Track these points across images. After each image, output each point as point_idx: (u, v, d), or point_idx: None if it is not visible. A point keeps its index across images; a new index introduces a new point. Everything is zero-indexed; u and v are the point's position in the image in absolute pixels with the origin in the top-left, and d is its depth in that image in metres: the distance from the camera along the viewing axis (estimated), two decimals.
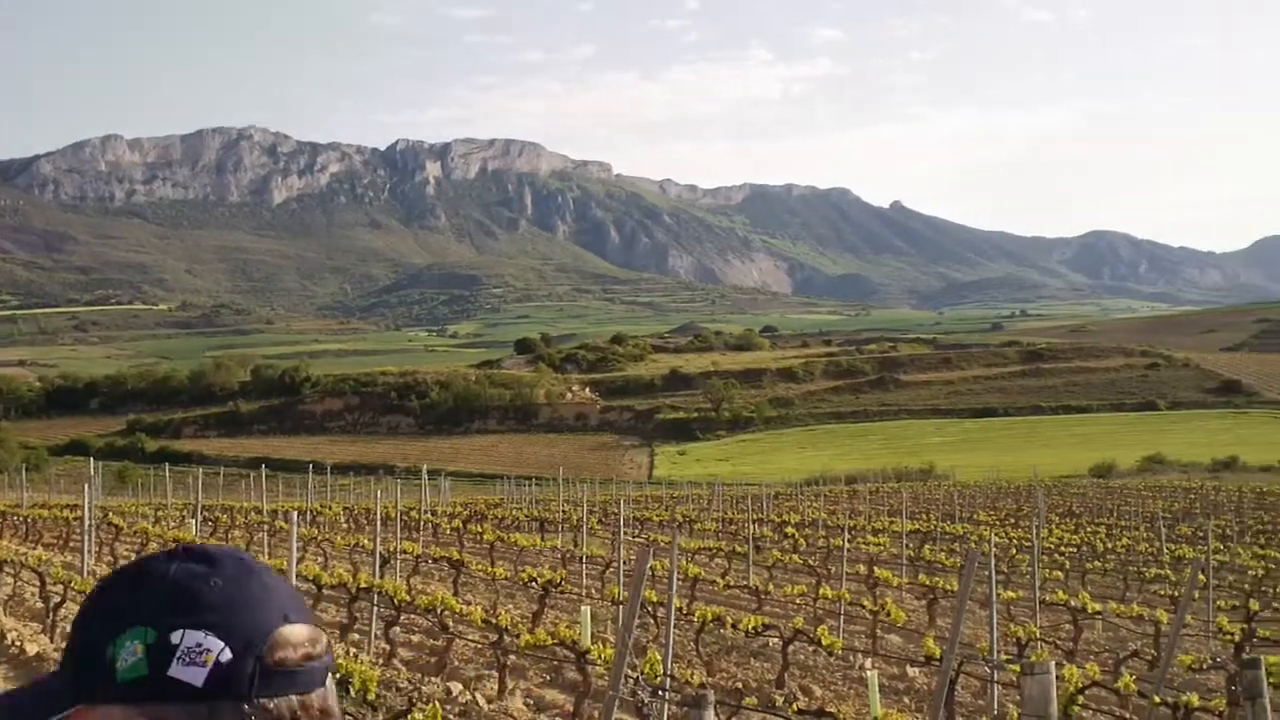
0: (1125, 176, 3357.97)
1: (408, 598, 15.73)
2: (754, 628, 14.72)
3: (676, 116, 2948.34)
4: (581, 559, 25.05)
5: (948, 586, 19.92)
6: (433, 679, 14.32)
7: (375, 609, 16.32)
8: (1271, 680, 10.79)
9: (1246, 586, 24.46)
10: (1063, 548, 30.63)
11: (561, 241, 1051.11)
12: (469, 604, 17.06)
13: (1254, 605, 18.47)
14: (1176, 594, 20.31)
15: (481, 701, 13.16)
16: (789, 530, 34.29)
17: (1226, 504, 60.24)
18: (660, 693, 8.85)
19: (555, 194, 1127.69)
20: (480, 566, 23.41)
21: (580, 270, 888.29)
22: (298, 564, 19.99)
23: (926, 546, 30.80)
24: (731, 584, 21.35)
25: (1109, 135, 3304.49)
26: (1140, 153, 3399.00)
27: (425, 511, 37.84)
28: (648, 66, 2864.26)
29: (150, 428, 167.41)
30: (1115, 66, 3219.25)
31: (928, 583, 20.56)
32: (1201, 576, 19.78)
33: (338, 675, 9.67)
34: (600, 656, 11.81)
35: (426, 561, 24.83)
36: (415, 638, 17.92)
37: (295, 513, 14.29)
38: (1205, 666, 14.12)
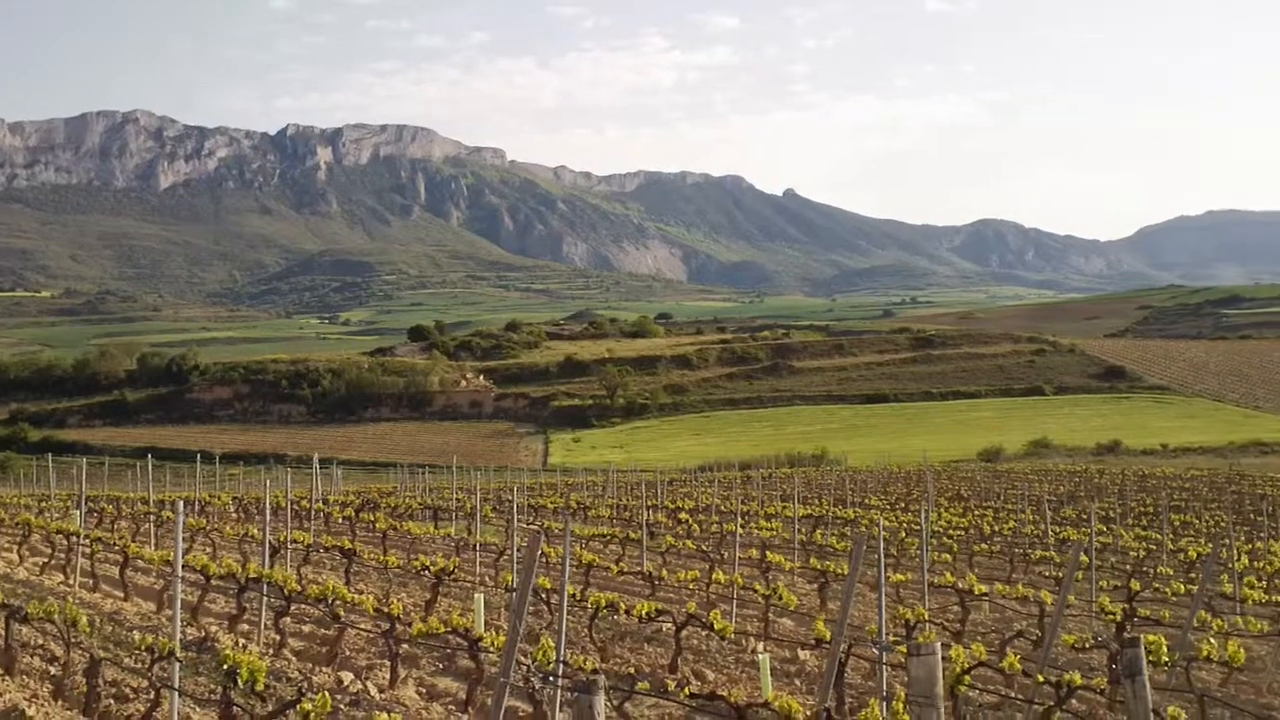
0: (1014, 166, 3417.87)
1: (298, 587, 15.55)
2: (648, 613, 14.77)
3: (571, 103, 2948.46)
4: (475, 547, 24.96)
5: (839, 570, 20.15)
6: (324, 669, 14.19)
7: (265, 599, 16.10)
8: (1151, 658, 11.07)
9: (1128, 567, 25.02)
10: (951, 531, 31.07)
11: (455, 228, 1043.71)
12: (361, 593, 16.91)
13: (1135, 585, 18.90)
14: (1061, 575, 20.73)
15: (373, 690, 13.06)
16: (683, 516, 34.43)
17: (1110, 487, 61.53)
18: (551, 679, 8.84)
19: (449, 180, 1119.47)
20: (373, 555, 23.21)
21: (475, 257, 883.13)
22: (185, 554, 19.68)
23: (818, 531, 31.13)
24: (626, 570, 21.39)
25: (999, 126, 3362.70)
26: (1029, 143, 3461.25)
27: (317, 501, 37.43)
28: (543, 53, 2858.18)
29: (33, 417, 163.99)
30: (1008, 59, 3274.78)
31: (819, 567, 20.76)
32: (1084, 558, 20.24)
33: (226, 666, 9.50)
34: (493, 644, 11.77)
35: (318, 551, 24.58)
36: (306, 628, 17.72)
37: (182, 503, 14.07)
38: (1088, 646, 14.44)
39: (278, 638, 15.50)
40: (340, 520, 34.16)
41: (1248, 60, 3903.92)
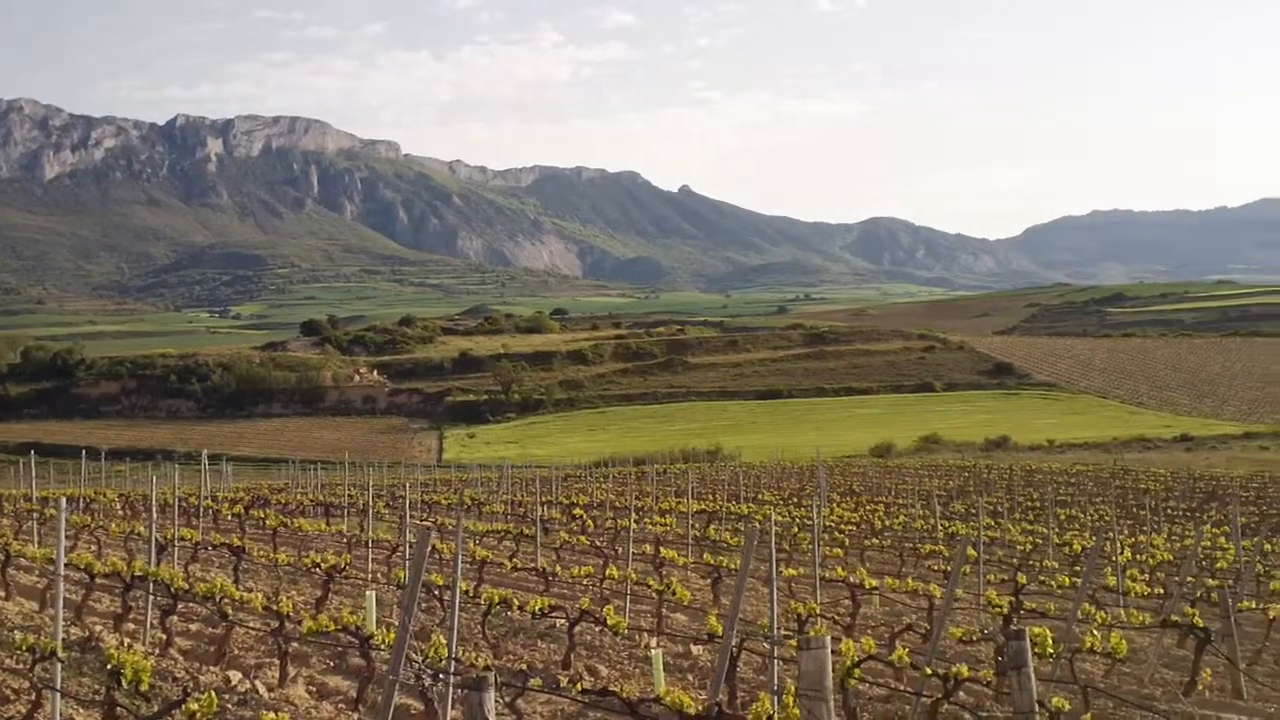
0: (904, 165, 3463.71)
1: (185, 586, 15.27)
2: (541, 609, 14.73)
3: (467, 97, 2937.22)
4: (368, 544, 24.72)
5: (732, 565, 20.25)
6: (211, 668, 13.94)
7: (151, 598, 15.79)
8: (1036, 650, 11.26)
9: (1015, 561, 25.45)
10: (843, 526, 31.38)
11: (349, 222, 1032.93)
12: (250, 591, 16.66)
13: (1022, 579, 19.22)
14: (950, 569, 21.04)
15: (262, 690, 12.87)
16: (577, 512, 34.40)
17: (998, 482, 62.61)
18: (441, 676, 8.78)
19: (343, 174, 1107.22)
20: (262, 553, 22.88)
21: (368, 251, 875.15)
22: (69, 552, 19.25)
23: (712, 526, 31.26)
24: (519, 566, 21.32)
25: (889, 124, 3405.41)
26: (919, 142, 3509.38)
27: (205, 497, 36.81)
28: (439, 46, 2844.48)
29: None
30: (898, 58, 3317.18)
31: (713, 562, 20.86)
32: (973, 552, 20.55)
33: (110, 665, 9.28)
34: (384, 641, 11.66)
35: (206, 549, 24.16)
36: (194, 626, 17.41)
37: (64, 499, 13.74)
38: (975, 638, 14.65)
39: (164, 637, 15.21)
40: (230, 517, 33.63)
41: (1131, 62, 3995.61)
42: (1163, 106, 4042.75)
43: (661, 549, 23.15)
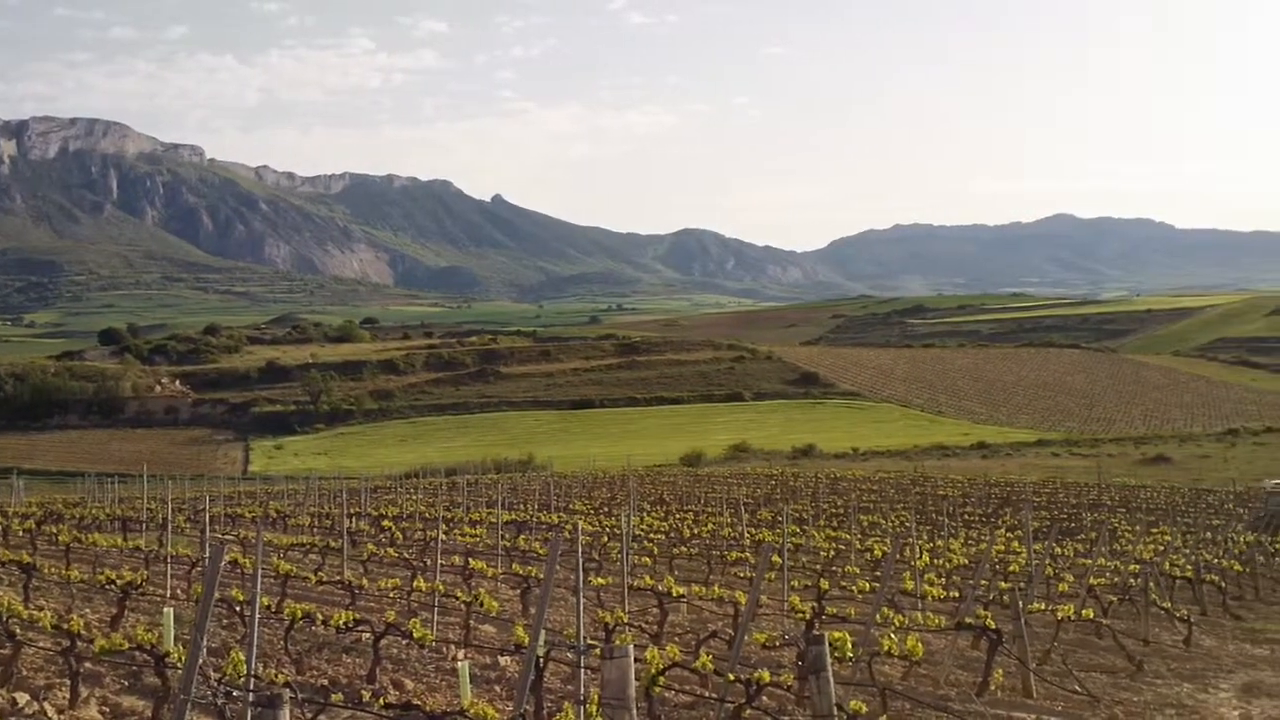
0: (714, 177, 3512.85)
1: None
2: (346, 623, 14.50)
3: (274, 102, 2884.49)
4: (167, 559, 24.02)
5: (541, 575, 20.23)
6: None
7: None
8: (836, 654, 11.51)
9: (819, 567, 25.94)
10: (652, 534, 31.58)
11: (151, 228, 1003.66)
12: (40, 609, 16.05)
13: (824, 584, 19.60)
14: (755, 576, 21.35)
15: (51, 711, 12.41)
16: (386, 524, 33.98)
17: (804, 489, 63.74)
18: (235, 693, 8.58)
19: (144, 178, 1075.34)
20: (55, 570, 22.06)
21: (171, 258, 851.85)
22: None
23: (522, 536, 31.18)
24: (325, 580, 20.95)
25: (702, 137, 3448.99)
26: (728, 155, 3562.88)
27: None
28: (244, 50, 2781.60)
29: None
30: (708, 72, 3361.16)
31: (522, 572, 20.81)
32: (777, 559, 20.89)
33: None
34: (181, 659, 11.35)
35: None
36: None
37: None
38: (778, 644, 14.90)
39: None
40: (21, 533, 32.31)
41: (931, 81, 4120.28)
42: (962, 126, 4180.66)
43: (471, 560, 23.01)
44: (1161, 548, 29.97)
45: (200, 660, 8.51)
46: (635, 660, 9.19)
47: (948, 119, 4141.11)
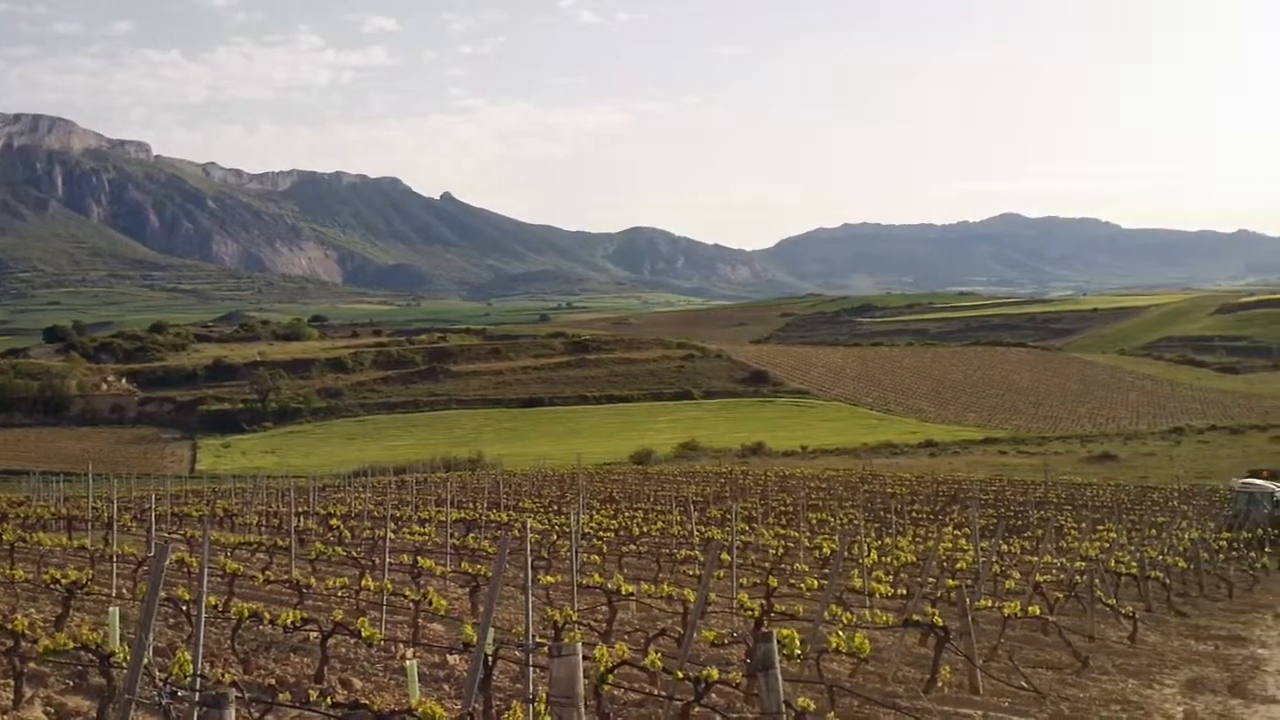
0: (664, 176, 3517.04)
1: None
2: (294, 622, 14.40)
3: (222, 99, 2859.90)
4: (113, 558, 23.78)
5: (490, 574, 20.17)
6: None
7: None
8: (784, 651, 11.54)
9: (767, 564, 25.99)
10: (602, 533, 31.57)
11: (96, 225, 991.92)
12: None
13: (773, 582, 19.67)
14: (704, 574, 21.37)
15: None
16: (334, 523, 33.80)
17: (753, 487, 63.88)
18: (180, 693, 8.51)
19: (89, 174, 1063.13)
20: None
21: (117, 255, 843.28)
22: None
23: (471, 535, 31.10)
24: (273, 579, 20.80)
25: (649, 136, 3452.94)
26: (678, 154, 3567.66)
27: None
28: (191, 46, 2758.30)
29: None
30: (658, 70, 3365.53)
31: (471, 570, 20.76)
32: (726, 557, 20.93)
33: None
34: (126, 659, 11.25)
35: None
36: None
37: None
38: (727, 641, 14.93)
39: None
40: None
41: (884, 82, 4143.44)
42: (911, 126, 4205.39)
43: (420, 559, 22.92)
44: (1107, 545, 30.25)
45: (145, 660, 8.42)
46: (584, 658, 9.18)
47: (897, 119, 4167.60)
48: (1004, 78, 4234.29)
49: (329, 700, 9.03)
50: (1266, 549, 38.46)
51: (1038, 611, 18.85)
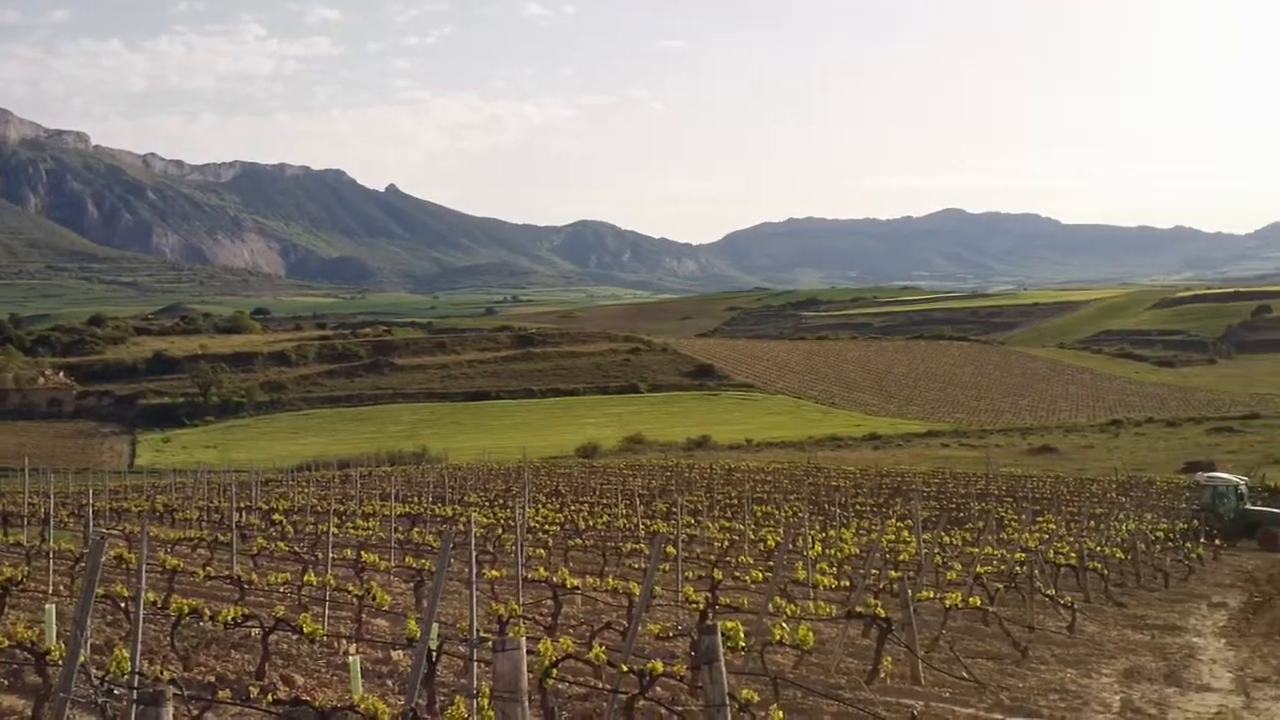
0: (611, 169, 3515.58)
1: None
2: (234, 618, 14.29)
3: (162, 89, 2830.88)
4: (49, 555, 23.50)
5: (434, 568, 20.09)
6: None
7: None
8: (729, 644, 11.57)
9: (713, 558, 26.08)
10: (548, 526, 31.54)
11: (33, 215, 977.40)
12: None
13: (718, 575, 19.73)
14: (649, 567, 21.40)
15: None
16: (277, 518, 33.59)
17: (699, 481, 64.00)
18: (117, 691, 8.42)
19: (26, 164, 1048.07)
20: None
21: (55, 247, 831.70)
22: None
23: (416, 529, 30.97)
24: (214, 574, 20.62)
25: (596, 129, 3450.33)
26: (625, 147, 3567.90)
27: None
28: (131, 35, 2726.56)
29: None
30: (606, 64, 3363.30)
31: (415, 565, 20.68)
32: (671, 550, 20.98)
33: None
34: (63, 657, 11.12)
35: None
36: None
37: None
38: (672, 634, 14.97)
39: None
40: None
41: (829, 78, 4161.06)
42: (855, 121, 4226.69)
43: (363, 553, 22.82)
44: (1046, 536, 30.55)
45: (81, 657, 8.33)
46: (529, 653, 9.17)
47: (841, 114, 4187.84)
48: (943, 76, 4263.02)
49: (270, 697, 8.98)
50: (1202, 540, 38.98)
51: (979, 602, 19.01)
